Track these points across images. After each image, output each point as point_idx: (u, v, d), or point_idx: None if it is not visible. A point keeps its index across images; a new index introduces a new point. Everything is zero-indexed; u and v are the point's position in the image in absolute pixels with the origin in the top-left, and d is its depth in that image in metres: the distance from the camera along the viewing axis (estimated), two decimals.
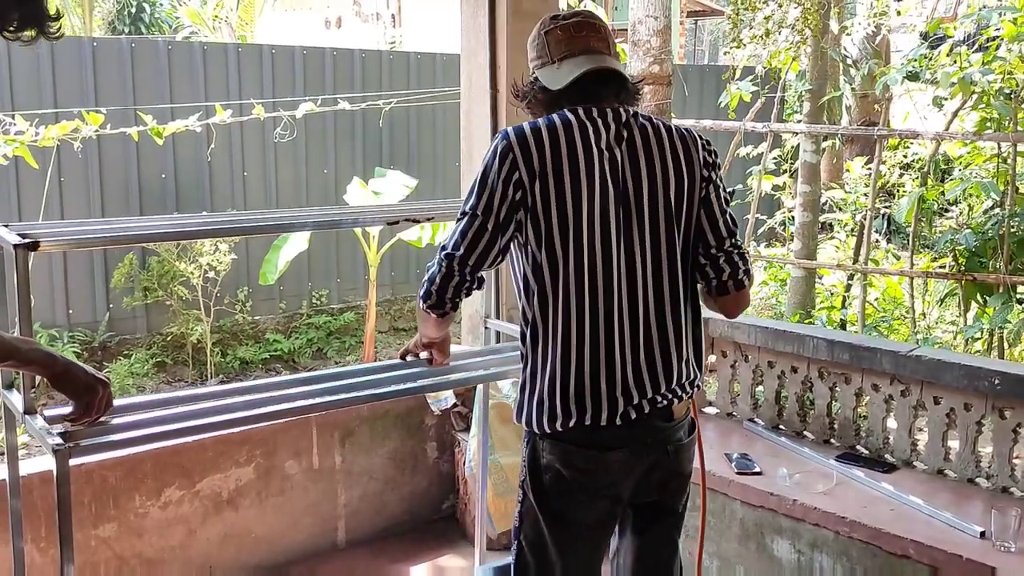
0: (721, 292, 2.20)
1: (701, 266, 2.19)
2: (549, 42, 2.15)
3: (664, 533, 2.27)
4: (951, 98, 6.03)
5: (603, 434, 2.09)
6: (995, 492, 3.33)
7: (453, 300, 2.13)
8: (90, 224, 2.25)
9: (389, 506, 4.05)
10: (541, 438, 2.14)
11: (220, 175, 7.67)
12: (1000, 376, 3.25)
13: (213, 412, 2.14)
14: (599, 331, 2.07)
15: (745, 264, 2.21)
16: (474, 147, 4.22)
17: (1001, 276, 5.82)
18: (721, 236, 2.18)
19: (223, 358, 7.40)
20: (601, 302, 2.07)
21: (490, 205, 2.05)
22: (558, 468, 2.11)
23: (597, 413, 2.07)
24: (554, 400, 2.09)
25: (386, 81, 8.51)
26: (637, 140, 2.13)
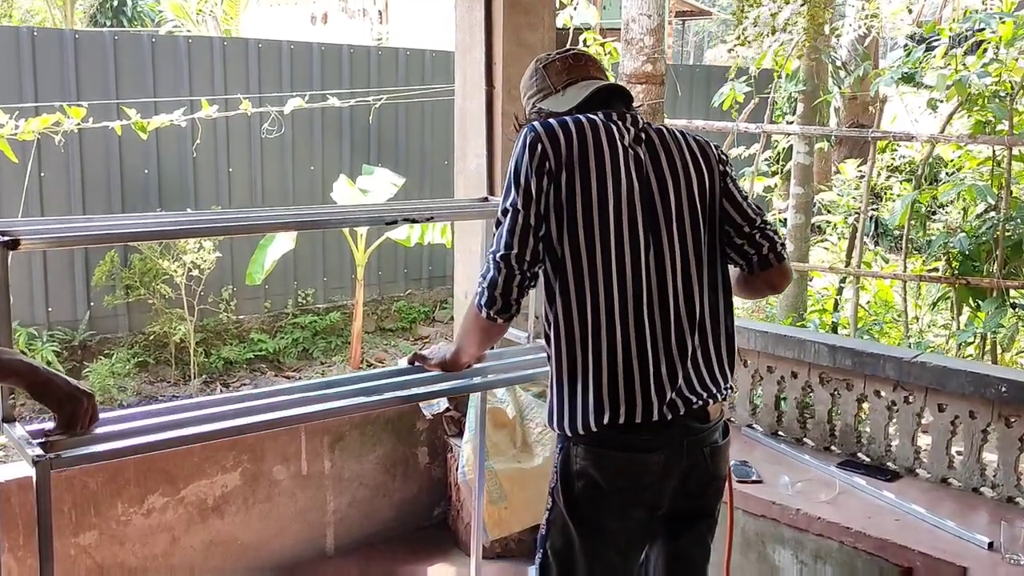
0: (765, 266, 2.18)
1: (738, 247, 2.18)
2: (549, 74, 2.24)
3: (698, 536, 2.21)
4: (947, 101, 5.98)
5: (638, 436, 2.02)
6: (1000, 502, 3.26)
7: (518, 301, 2.07)
8: (72, 221, 2.14)
9: (379, 513, 3.95)
10: (574, 443, 2.07)
11: (204, 171, 7.53)
12: (1008, 383, 3.19)
13: (199, 421, 2.04)
14: (628, 327, 2.01)
15: (780, 238, 2.22)
16: (468, 145, 4.12)
17: (995, 280, 5.77)
18: (750, 217, 2.18)
19: (207, 358, 7.26)
20: (630, 297, 2.01)
21: (528, 197, 2.03)
22: (592, 474, 2.04)
23: (631, 410, 2.00)
24: (586, 399, 2.02)
25: (374, 77, 8.39)
26: (655, 142, 2.15)
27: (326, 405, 2.22)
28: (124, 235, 2.28)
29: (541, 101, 2.24)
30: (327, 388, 2.33)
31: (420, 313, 8.82)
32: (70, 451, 1.83)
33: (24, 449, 1.80)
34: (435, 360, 2.40)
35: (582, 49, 2.39)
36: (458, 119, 4.22)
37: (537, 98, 2.25)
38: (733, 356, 2.16)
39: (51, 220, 2.16)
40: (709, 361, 2.10)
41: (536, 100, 2.25)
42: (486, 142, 4.00)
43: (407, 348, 8.08)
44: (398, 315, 8.69)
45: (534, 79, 2.27)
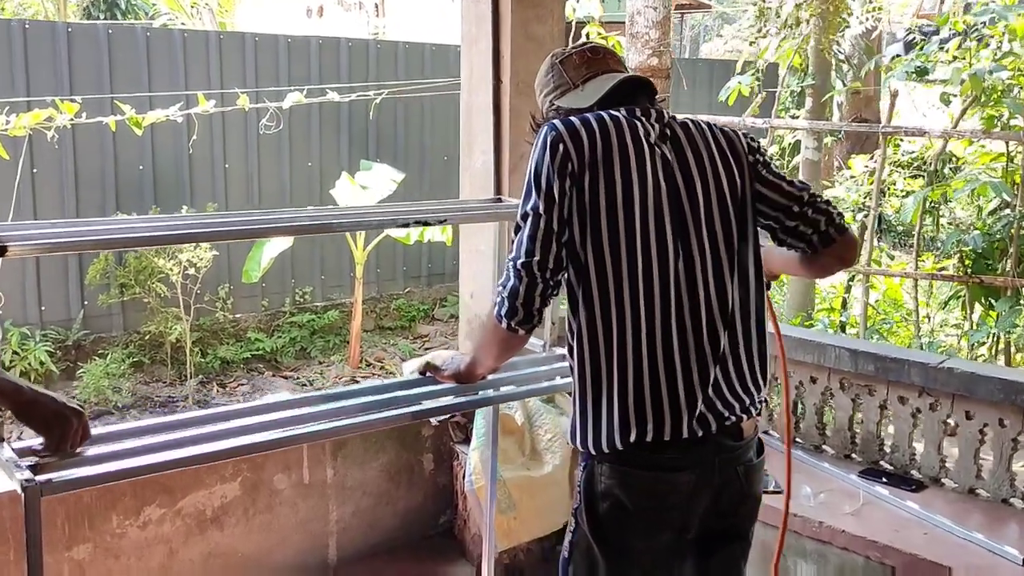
0: (827, 242, 2.04)
1: (793, 230, 2.05)
2: (566, 69, 2.11)
3: (730, 560, 2.08)
4: (961, 95, 5.85)
5: (667, 454, 1.90)
6: None
7: (540, 311, 1.94)
8: (64, 226, 1.99)
9: (382, 522, 3.81)
10: (599, 461, 1.94)
11: (200, 167, 7.38)
12: None
13: (199, 440, 1.90)
14: (656, 338, 1.89)
15: (834, 207, 2.08)
16: (475, 141, 3.98)
17: (1009, 279, 5.66)
18: (795, 195, 2.05)
19: (203, 358, 7.12)
20: (658, 306, 1.89)
21: (551, 201, 1.90)
22: (617, 495, 1.91)
23: (659, 427, 1.87)
24: (611, 415, 1.89)
25: (373, 72, 8.24)
26: (681, 138, 2.02)
27: (334, 423, 2.08)
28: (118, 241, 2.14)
29: (559, 98, 2.10)
30: (334, 401, 2.19)
31: (419, 311, 8.68)
32: (61, 474, 1.69)
33: (12, 472, 1.66)
34: (448, 371, 2.26)
35: (599, 42, 2.25)
36: (464, 114, 4.07)
37: (554, 95, 2.12)
38: (766, 365, 2.03)
39: (42, 224, 2.02)
40: (741, 372, 1.97)
41: (553, 97, 2.12)
42: (493, 138, 3.86)
43: (406, 347, 7.95)
44: (397, 313, 8.55)
45: (550, 75, 2.14)
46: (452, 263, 9.02)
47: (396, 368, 7.43)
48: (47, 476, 1.67)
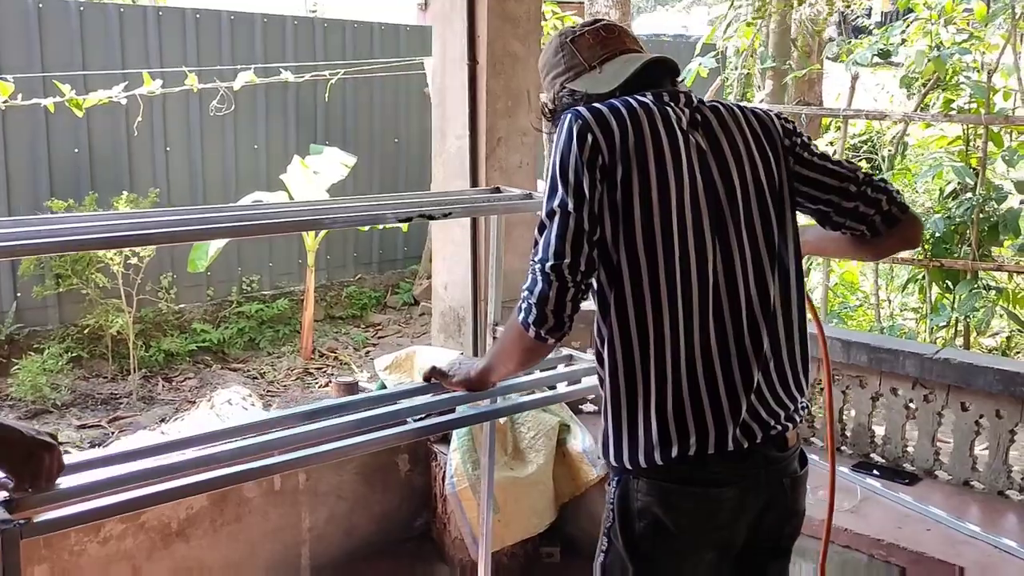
0: (892, 223, 1.91)
1: (852, 211, 1.90)
2: (579, 50, 1.94)
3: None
4: (922, 78, 5.83)
5: (710, 468, 1.75)
6: None
7: (572, 317, 1.76)
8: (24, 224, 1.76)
9: (358, 528, 3.63)
10: (635, 477, 1.78)
11: (140, 151, 7.00)
12: None
13: (189, 467, 1.70)
14: (694, 343, 1.74)
15: (892, 185, 1.95)
16: (448, 125, 3.80)
17: (968, 262, 5.67)
18: (849, 175, 1.91)
19: (146, 351, 6.78)
20: (696, 309, 1.74)
21: (580, 196, 1.72)
22: (656, 512, 1.76)
23: (703, 439, 1.73)
24: (649, 428, 1.74)
25: (320, 51, 7.93)
26: (714, 124, 1.85)
27: (345, 442, 1.90)
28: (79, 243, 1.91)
29: (572, 81, 1.92)
30: (331, 415, 2.01)
31: (371, 299, 8.43)
32: (43, 514, 1.48)
33: None
34: (457, 378, 2.08)
35: (611, 20, 2.07)
36: (436, 97, 3.89)
37: (566, 78, 1.93)
38: (808, 366, 1.90)
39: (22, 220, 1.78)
40: (783, 374, 1.83)
41: (565, 80, 1.93)
42: (468, 121, 3.68)
43: (359, 336, 7.71)
44: (348, 302, 8.28)
45: (561, 55, 1.95)
46: (404, 249, 8.80)
47: (351, 359, 7.20)
48: (25, 516, 1.46)
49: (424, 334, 7.85)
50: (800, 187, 1.91)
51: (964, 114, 5.92)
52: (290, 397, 6.47)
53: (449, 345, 3.89)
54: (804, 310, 1.89)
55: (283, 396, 6.51)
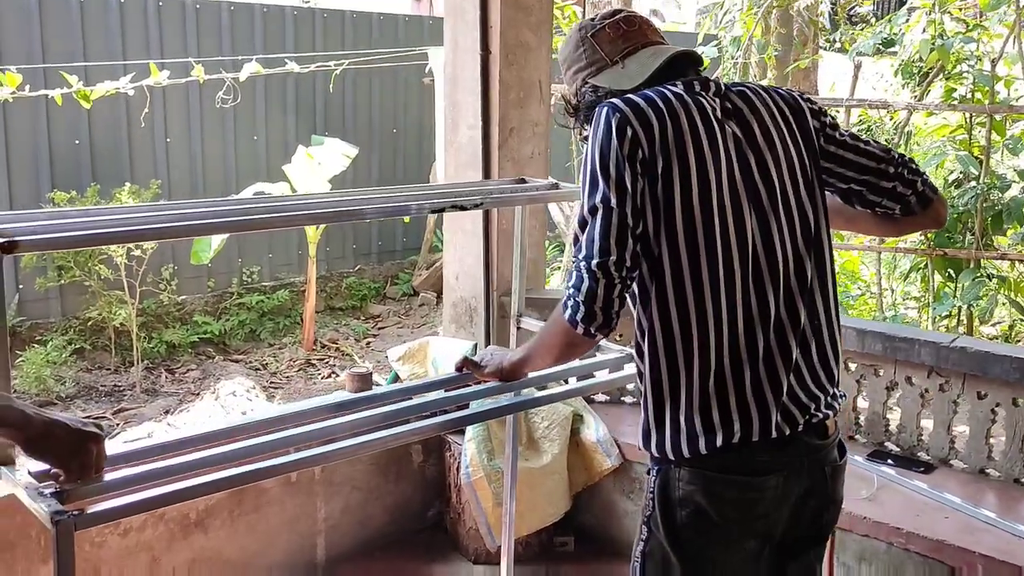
0: (926, 203, 1.96)
1: (889, 191, 1.93)
2: (600, 44, 1.92)
3: (807, 566, 1.95)
4: (927, 66, 5.83)
5: (754, 456, 1.76)
6: None
7: (619, 313, 1.76)
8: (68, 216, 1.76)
9: (372, 518, 3.63)
10: (676, 466, 1.78)
11: (140, 142, 6.96)
12: None
13: (234, 457, 1.71)
14: (738, 333, 1.74)
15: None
16: (460, 115, 3.79)
17: (972, 251, 5.68)
18: (885, 156, 1.93)
19: (148, 343, 6.76)
20: (739, 299, 1.74)
21: (623, 190, 1.71)
22: (699, 501, 1.77)
23: (747, 426, 1.74)
24: (691, 417, 1.75)
25: (319, 42, 7.90)
26: (745, 111, 1.85)
27: (376, 434, 1.90)
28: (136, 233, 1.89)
29: (594, 76, 1.91)
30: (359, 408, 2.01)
31: (371, 290, 8.42)
32: (94, 505, 1.47)
33: (35, 504, 1.44)
34: (490, 369, 2.08)
35: (631, 11, 2.06)
36: (448, 87, 3.87)
37: (588, 73, 1.92)
38: (839, 350, 1.90)
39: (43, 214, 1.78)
40: (824, 355, 1.85)
41: (587, 76, 1.92)
42: (481, 111, 3.67)
43: (359, 327, 7.70)
44: (348, 293, 8.27)
45: (581, 50, 1.93)
46: (403, 240, 8.79)
47: (352, 350, 7.19)
48: (78, 507, 1.45)
49: (424, 325, 7.85)
50: (833, 167, 1.92)
51: (967, 103, 5.93)
52: (293, 389, 6.46)
53: (460, 336, 3.88)
54: (836, 291, 1.90)
55: (286, 388, 6.50)
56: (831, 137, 1.91)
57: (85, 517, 1.45)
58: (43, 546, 2.81)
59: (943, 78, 5.94)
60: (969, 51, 5.50)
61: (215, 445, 1.78)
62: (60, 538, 1.39)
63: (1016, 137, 5.81)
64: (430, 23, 8.94)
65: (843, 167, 1.92)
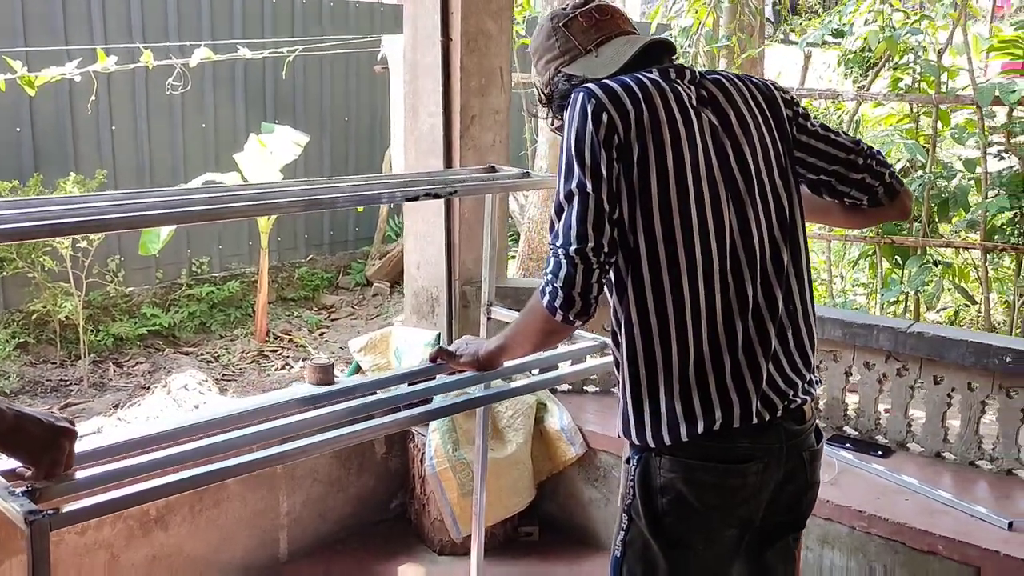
0: (893, 195, 1.99)
1: (859, 182, 1.96)
2: (572, 33, 1.92)
3: (785, 550, 1.98)
4: (875, 57, 5.92)
5: (735, 443, 1.77)
6: (1000, 475, 3.19)
7: (598, 298, 1.75)
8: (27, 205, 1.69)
9: (334, 511, 3.60)
10: (657, 454, 1.78)
11: (85, 130, 6.78)
12: (1013, 353, 3.09)
13: (212, 452, 1.68)
14: (716, 321, 1.75)
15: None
16: (420, 102, 3.75)
17: (919, 239, 5.80)
18: (854, 148, 1.96)
19: (95, 336, 6.61)
20: (717, 287, 1.75)
21: (599, 177, 1.70)
22: (680, 489, 1.77)
23: (728, 412, 1.75)
24: (672, 405, 1.75)
25: (269, 27, 7.77)
26: (720, 99, 1.85)
27: (348, 428, 1.88)
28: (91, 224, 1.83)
29: (567, 65, 1.91)
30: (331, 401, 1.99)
31: (323, 280, 8.33)
32: (69, 504, 1.43)
33: (7, 503, 1.39)
34: (466, 358, 2.06)
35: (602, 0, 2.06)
36: (408, 74, 3.83)
37: (561, 62, 1.92)
38: (815, 337, 1.93)
39: None
40: (800, 341, 1.87)
41: (560, 65, 1.92)
42: (442, 99, 3.64)
43: (312, 318, 7.62)
44: (300, 283, 8.17)
45: (554, 39, 1.93)
46: (355, 229, 8.70)
47: (305, 340, 7.11)
48: (51, 507, 1.41)
49: (378, 315, 7.79)
50: (804, 157, 1.94)
51: (913, 93, 6.03)
52: (247, 381, 6.37)
53: (422, 325, 3.86)
54: (811, 279, 1.92)
55: (239, 380, 6.41)
56: (803, 127, 1.93)
57: (60, 517, 1.41)
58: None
59: (890, 68, 6.04)
60: (916, 42, 5.58)
61: (183, 442, 1.75)
62: (35, 538, 1.34)
63: (960, 126, 5.93)
64: (381, 10, 8.85)
65: (814, 156, 1.94)
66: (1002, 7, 16.22)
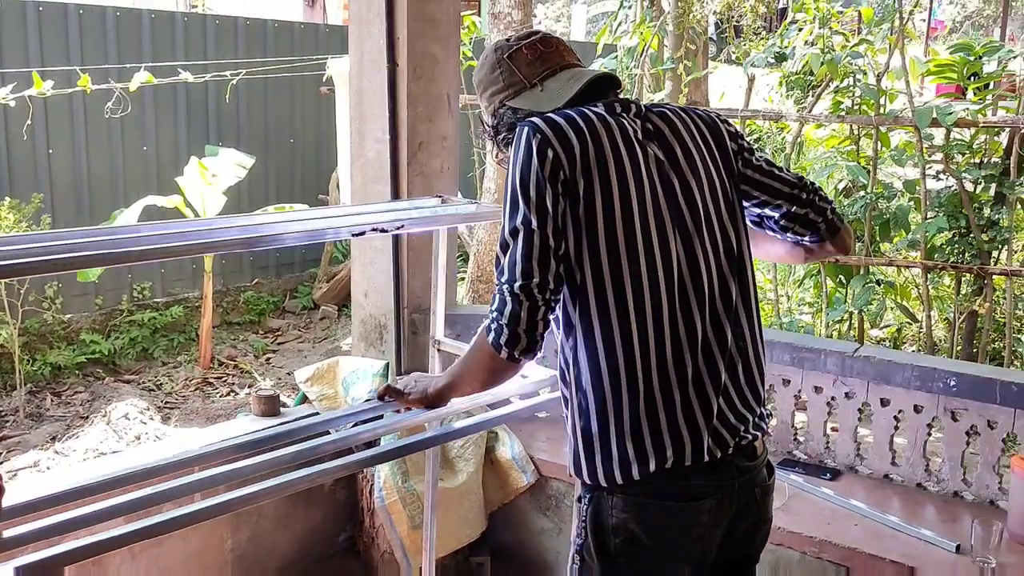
0: (834, 231, 2.00)
1: (802, 217, 1.96)
2: (517, 66, 1.91)
3: None
4: (817, 79, 6.02)
5: (687, 481, 1.75)
6: (946, 497, 3.21)
7: (543, 336, 1.72)
8: None
9: (281, 547, 3.51)
10: (609, 493, 1.75)
11: (20, 153, 6.62)
12: (956, 377, 3.13)
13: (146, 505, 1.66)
14: (666, 354, 1.73)
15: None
16: (367, 128, 3.70)
17: (862, 258, 5.88)
18: (797, 183, 1.97)
19: (31, 365, 6.43)
20: (666, 321, 1.73)
21: (543, 213, 1.69)
22: (632, 529, 1.74)
23: (679, 450, 1.72)
24: (623, 443, 1.72)
25: (211, 49, 7.66)
26: (666, 133, 1.85)
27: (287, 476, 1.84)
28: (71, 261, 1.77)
29: (511, 99, 1.90)
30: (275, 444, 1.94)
31: (269, 304, 8.20)
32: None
33: None
34: (414, 396, 2.01)
35: (545, 30, 2.05)
36: (353, 99, 3.78)
37: (505, 95, 1.91)
38: (763, 370, 1.91)
39: None
40: (751, 375, 1.85)
41: (505, 98, 1.91)
42: (389, 126, 3.60)
43: (258, 343, 7.49)
44: (245, 307, 8.04)
45: (498, 71, 1.91)
46: (302, 252, 8.60)
47: (251, 366, 6.98)
48: None
49: (325, 338, 7.69)
50: (749, 190, 1.93)
51: (853, 115, 6.14)
52: (190, 409, 6.23)
53: (370, 354, 3.80)
54: (759, 311, 1.91)
55: (182, 408, 6.26)
56: (748, 160, 1.93)
57: None
58: None
59: (832, 91, 6.14)
60: (856, 65, 5.69)
61: (121, 492, 1.69)
62: None
63: (900, 147, 6.04)
64: (326, 31, 8.79)
65: (758, 191, 1.94)
66: (935, 28, 16.66)
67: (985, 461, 3.15)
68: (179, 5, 14.62)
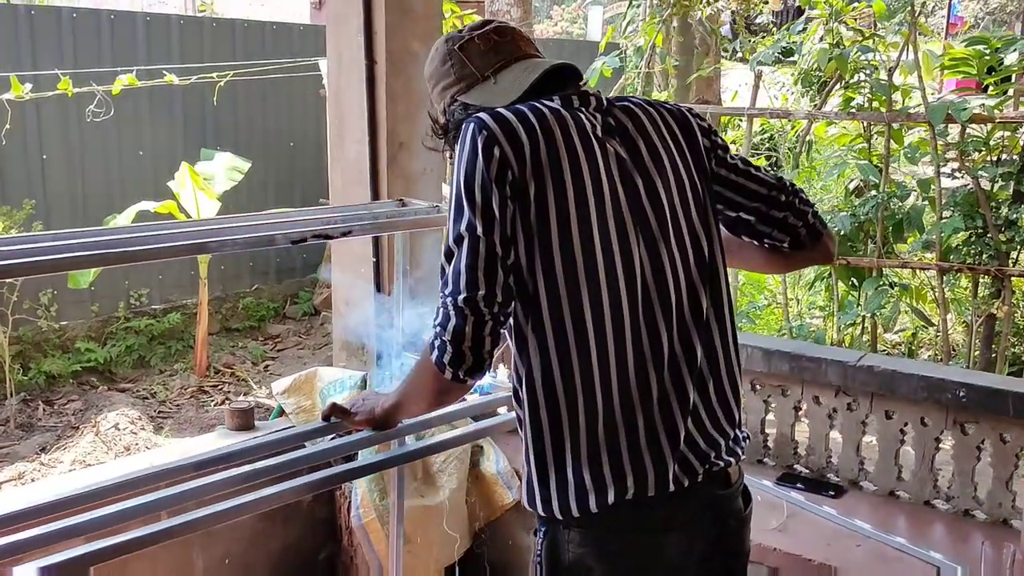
0: (816, 237, 1.80)
1: (780, 221, 1.77)
2: (469, 58, 1.72)
3: None
4: (826, 75, 5.82)
5: (651, 512, 1.57)
6: (956, 515, 3.02)
7: (492, 353, 1.54)
8: None
9: (256, 566, 3.36)
10: (565, 527, 1.58)
11: (13, 159, 6.52)
12: (966, 388, 2.94)
13: (110, 523, 1.65)
14: (628, 376, 1.55)
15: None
16: (346, 128, 3.55)
17: (874, 260, 5.68)
18: (776, 184, 1.77)
19: (24, 374, 6.32)
20: (628, 335, 1.55)
21: (490, 218, 1.51)
22: (591, 566, 1.57)
23: (641, 480, 1.54)
24: (579, 473, 1.54)
25: (208, 52, 7.55)
26: (630, 128, 1.66)
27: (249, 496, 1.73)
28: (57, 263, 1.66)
29: (464, 93, 1.70)
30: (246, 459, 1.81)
31: (269, 310, 8.08)
32: None
33: None
34: (361, 416, 1.85)
35: (501, 21, 1.87)
36: (331, 100, 3.64)
37: (457, 90, 1.71)
38: (739, 391, 1.73)
39: None
40: (722, 394, 1.66)
41: (456, 93, 1.71)
42: (368, 126, 3.44)
43: (257, 350, 7.37)
44: (245, 313, 7.92)
45: (449, 63, 1.72)
46: (303, 257, 8.46)
47: (248, 374, 6.85)
48: None
49: (325, 344, 7.55)
50: (723, 191, 1.74)
51: (865, 112, 5.94)
52: (184, 418, 6.11)
53: (352, 365, 3.64)
54: (735, 323, 1.72)
55: (176, 417, 6.14)
56: (722, 160, 1.74)
57: None
58: None
59: (842, 87, 5.93)
60: (866, 60, 5.49)
61: (87, 508, 1.67)
62: None
63: (914, 145, 5.83)
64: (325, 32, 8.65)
65: (733, 192, 1.75)
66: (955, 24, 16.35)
67: (997, 477, 2.95)
68: (187, 8, 14.58)
